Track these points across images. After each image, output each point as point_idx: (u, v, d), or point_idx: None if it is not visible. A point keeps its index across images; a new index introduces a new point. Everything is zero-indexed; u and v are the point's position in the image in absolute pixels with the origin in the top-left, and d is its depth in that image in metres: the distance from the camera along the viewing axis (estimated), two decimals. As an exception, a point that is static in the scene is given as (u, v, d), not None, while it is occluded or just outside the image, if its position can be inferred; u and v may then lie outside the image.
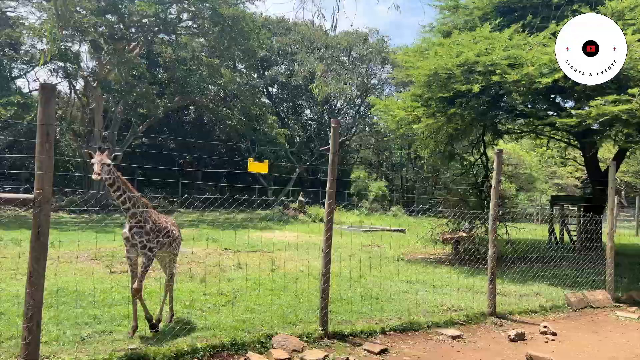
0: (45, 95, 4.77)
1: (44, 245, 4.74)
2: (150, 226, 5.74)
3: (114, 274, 10.04)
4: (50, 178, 4.78)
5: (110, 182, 5.48)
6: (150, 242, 5.71)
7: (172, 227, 6.24)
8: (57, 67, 24.53)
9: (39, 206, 4.69)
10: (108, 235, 17.86)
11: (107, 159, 5.45)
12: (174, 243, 6.30)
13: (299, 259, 12.32)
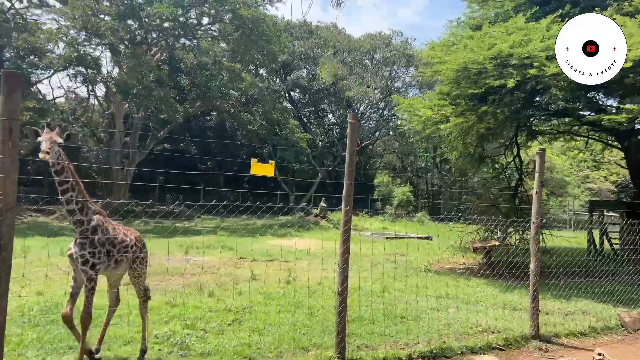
0: (9, 85, 4.06)
1: (7, 261, 4.02)
2: (99, 237, 4.75)
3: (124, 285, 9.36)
4: (14, 182, 4.07)
5: (58, 169, 4.51)
6: (95, 258, 4.66)
7: (132, 241, 5.23)
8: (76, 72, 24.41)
9: (1, 214, 3.99)
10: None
11: (59, 137, 4.50)
12: (137, 261, 5.27)
13: (317, 270, 11.49)
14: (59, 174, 4.54)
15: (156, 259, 12.84)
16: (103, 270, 4.89)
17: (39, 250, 13.05)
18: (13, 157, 4.00)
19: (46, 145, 4.38)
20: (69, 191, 4.59)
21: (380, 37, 46.00)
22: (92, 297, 4.70)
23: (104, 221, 4.94)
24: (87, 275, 4.66)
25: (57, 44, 21.39)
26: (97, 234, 4.77)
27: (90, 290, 4.68)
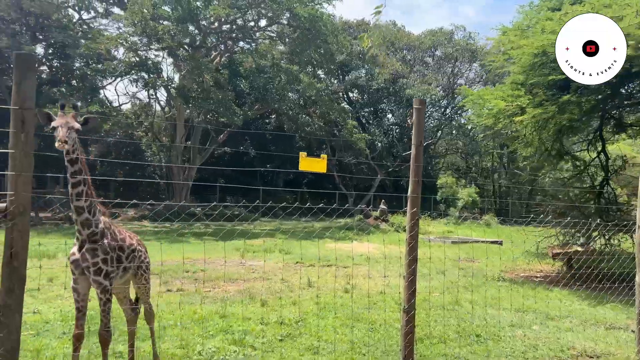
0: (21, 69, 3.55)
1: (19, 272, 3.51)
2: (109, 242, 4.17)
3: (169, 292, 8.97)
4: (27, 180, 3.55)
5: (73, 157, 3.93)
6: (108, 265, 4.09)
7: (137, 244, 4.68)
8: (137, 77, 24.89)
9: (12, 219, 3.47)
10: (180, 245, 17.23)
11: (75, 122, 3.91)
12: (143, 266, 4.68)
13: (378, 277, 10.64)
14: (73, 163, 3.96)
15: (211, 263, 12.47)
16: (119, 278, 4.34)
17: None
18: (27, 151, 3.48)
19: (63, 132, 3.79)
20: (81, 185, 4.00)
21: (441, 33, 44.36)
22: (109, 311, 4.14)
23: (110, 223, 4.36)
24: (102, 287, 4.07)
25: (117, 49, 21.87)
26: (107, 238, 4.18)
27: (105, 303, 4.10)
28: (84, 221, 4.02)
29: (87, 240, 4.05)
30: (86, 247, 4.04)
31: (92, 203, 4.09)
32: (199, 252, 14.12)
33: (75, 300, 4.14)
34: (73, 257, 4.07)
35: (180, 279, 10.26)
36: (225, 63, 34.79)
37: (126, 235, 4.48)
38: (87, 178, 4.10)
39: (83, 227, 4.03)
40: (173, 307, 7.61)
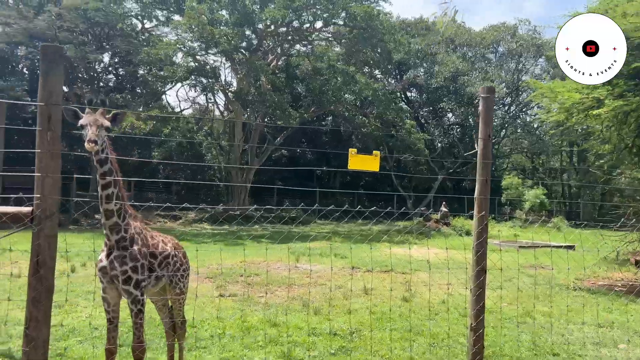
0: (47, 61, 3.31)
1: (46, 281, 3.27)
2: (139, 248, 3.86)
3: (222, 297, 8.75)
4: (55, 182, 3.30)
5: (102, 157, 3.67)
6: (138, 274, 3.78)
7: (173, 250, 4.34)
8: (196, 82, 25.34)
9: (39, 223, 3.23)
10: (237, 248, 17.19)
11: (105, 119, 3.64)
12: (178, 274, 4.32)
13: (439, 285, 9.98)
14: (102, 164, 3.69)
15: (266, 267, 12.24)
16: (151, 287, 4.04)
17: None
18: (53, 151, 3.23)
19: (92, 131, 3.51)
20: (111, 186, 3.74)
21: (504, 28, 42.48)
22: (142, 323, 3.84)
23: (142, 227, 4.05)
24: (132, 297, 3.78)
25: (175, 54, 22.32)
26: (137, 244, 3.88)
27: (137, 314, 3.80)
28: (112, 225, 3.76)
29: (116, 246, 3.78)
30: (114, 254, 3.77)
31: (122, 206, 3.82)
32: (255, 255, 13.96)
33: (105, 310, 3.88)
34: (100, 264, 3.81)
35: (234, 283, 10.06)
36: (282, 66, 34.90)
37: (159, 241, 4.18)
38: (118, 180, 3.84)
39: (112, 232, 3.76)
40: (223, 313, 7.36)
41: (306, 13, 26.94)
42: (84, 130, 3.61)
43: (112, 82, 35.37)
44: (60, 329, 6.14)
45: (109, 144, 3.85)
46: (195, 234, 22.18)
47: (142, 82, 25.40)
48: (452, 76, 38.54)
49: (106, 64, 33.32)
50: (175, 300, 4.42)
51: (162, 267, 4.12)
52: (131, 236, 3.85)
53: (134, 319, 3.83)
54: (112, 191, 3.75)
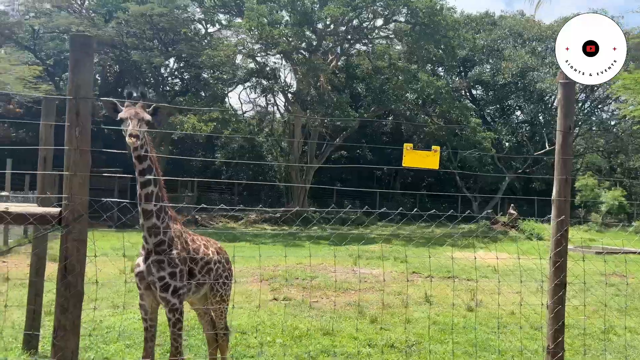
0: (77, 52, 3.11)
1: (75, 287, 3.06)
2: (178, 252, 3.60)
3: (275, 301, 8.50)
4: (83, 182, 3.09)
5: (142, 154, 3.44)
6: (177, 280, 3.53)
7: (215, 254, 4.06)
8: (256, 83, 25.51)
9: (66, 225, 3.04)
10: (295, 249, 17.04)
11: (146, 113, 3.42)
12: (220, 280, 4.04)
13: (508, 293, 9.24)
14: (141, 160, 3.47)
15: (323, 269, 11.93)
16: (192, 294, 3.80)
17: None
18: (82, 148, 3.02)
19: (133, 125, 3.29)
20: (150, 185, 3.52)
21: (578, 19, 39.89)
22: (180, 334, 3.58)
23: (182, 230, 3.78)
24: (170, 305, 3.52)
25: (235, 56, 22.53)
26: (177, 248, 3.61)
27: (175, 324, 3.54)
28: (151, 227, 3.52)
29: (154, 250, 3.54)
30: (152, 258, 3.53)
31: (162, 207, 3.58)
32: (313, 257, 13.68)
33: (142, 318, 3.66)
34: (137, 269, 3.60)
35: (289, 286, 9.81)
36: (341, 66, 34.58)
37: (200, 245, 3.92)
38: (159, 178, 3.61)
39: (150, 234, 3.53)
40: (276, 318, 7.09)
41: (366, 11, 26.47)
42: (123, 124, 3.40)
43: (178, 86, 36.52)
44: (111, 332, 6.08)
45: (149, 140, 3.63)
46: (255, 235, 22.29)
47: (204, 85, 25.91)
48: (520, 72, 36.64)
49: (172, 68, 34.42)
50: (217, 308, 4.13)
51: (202, 273, 3.85)
52: (170, 239, 3.61)
53: (171, 329, 3.58)
54: (151, 190, 3.53)
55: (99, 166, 25.36)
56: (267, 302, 8.33)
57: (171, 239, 3.61)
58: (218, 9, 26.70)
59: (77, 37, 3.10)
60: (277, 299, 8.65)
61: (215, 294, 4.05)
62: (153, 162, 3.57)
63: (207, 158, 32.47)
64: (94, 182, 13.25)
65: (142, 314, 3.65)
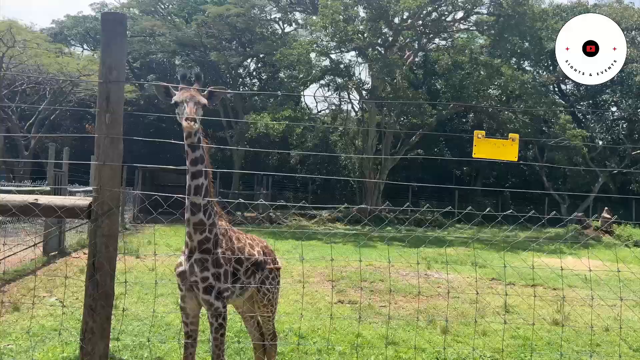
0: (108, 32, 2.88)
1: (103, 287, 2.83)
2: (223, 251, 3.30)
3: (340, 304, 8.12)
4: (114, 173, 2.85)
5: (194, 141, 3.20)
6: (221, 282, 3.23)
7: (261, 255, 3.73)
8: (329, 81, 25.29)
9: (95, 219, 2.82)
10: (366, 250, 16.60)
11: (202, 97, 3.19)
12: (267, 282, 3.69)
13: (601, 306, 8.21)
14: (194, 149, 3.23)
15: (393, 272, 11.40)
16: (236, 297, 3.50)
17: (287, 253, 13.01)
18: (112, 136, 2.80)
19: (190, 108, 3.06)
20: (202, 176, 3.27)
21: (686, 4, 36.02)
22: (223, 340, 3.28)
23: (227, 229, 3.47)
24: (212, 309, 3.24)
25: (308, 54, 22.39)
26: (221, 247, 3.32)
27: (218, 329, 3.26)
28: (197, 223, 3.25)
29: (197, 248, 3.26)
30: (195, 257, 3.25)
31: (210, 202, 3.30)
32: (384, 258, 13.14)
33: (183, 322, 3.40)
34: (179, 268, 3.34)
35: (356, 288, 9.38)
36: (419, 62, 33.56)
37: (246, 244, 3.60)
38: (209, 171, 3.36)
39: (195, 230, 3.26)
40: (338, 323, 6.71)
41: (445, 3, 25.41)
42: (178, 108, 3.19)
43: (256, 86, 37.25)
44: (169, 330, 5.98)
45: (201, 129, 3.37)
46: (327, 233, 22.05)
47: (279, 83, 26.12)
48: (620, 63, 33.69)
49: (249, 69, 35.14)
50: (262, 312, 3.81)
51: (248, 274, 3.54)
52: (216, 237, 3.33)
53: (213, 335, 3.30)
54: (201, 182, 3.28)
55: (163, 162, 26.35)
56: (331, 304, 7.96)
57: (217, 237, 3.34)
58: (294, 7, 26.77)
59: (108, 16, 2.90)
60: (342, 301, 8.27)
61: (262, 298, 3.73)
62: (205, 152, 3.33)
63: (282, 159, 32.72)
64: (162, 178, 13.47)
65: (182, 318, 3.40)
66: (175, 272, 3.37)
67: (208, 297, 3.23)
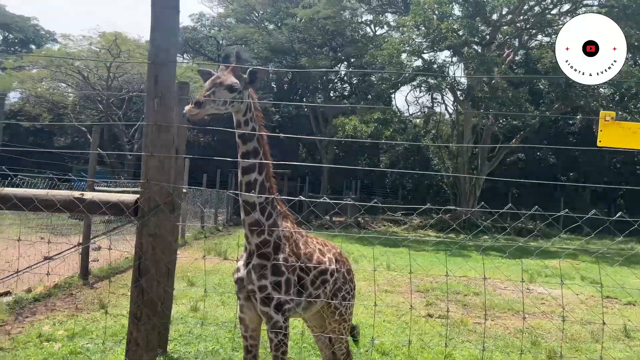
0: (158, 7, 2.58)
1: (149, 293, 2.52)
2: (285, 257, 2.86)
3: (429, 318, 7.44)
4: (163, 165, 2.54)
5: (246, 134, 2.81)
6: (281, 292, 2.81)
7: (333, 262, 3.22)
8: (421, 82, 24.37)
9: (141, 217, 2.52)
10: (460, 260, 15.60)
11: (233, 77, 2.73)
12: (339, 294, 3.18)
13: None
14: (245, 140, 2.84)
15: (490, 285, 10.46)
16: (302, 311, 3.06)
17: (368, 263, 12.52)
18: (161, 123, 2.49)
19: (202, 92, 2.63)
20: (254, 171, 2.86)
21: None
22: (285, 359, 2.84)
23: (293, 230, 3.03)
24: (272, 323, 2.82)
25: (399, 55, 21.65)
26: (284, 252, 2.89)
27: (278, 346, 2.85)
28: (252, 224, 2.86)
29: (256, 252, 2.87)
30: (253, 262, 2.86)
31: (268, 200, 2.90)
32: (479, 269, 12.13)
33: (242, 335, 3.02)
34: (237, 274, 2.96)
35: (447, 301, 8.63)
36: (520, 61, 31.50)
37: (315, 249, 3.14)
38: (266, 164, 2.94)
39: (251, 232, 2.87)
40: (427, 339, 6.07)
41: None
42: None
43: (347, 90, 37.08)
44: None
45: (260, 118, 2.98)
46: (417, 241, 21.15)
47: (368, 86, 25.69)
48: None
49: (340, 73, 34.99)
50: (335, 329, 3.33)
51: (316, 285, 3.08)
52: (277, 240, 2.92)
53: (273, 352, 2.89)
54: (254, 178, 2.87)
55: None
56: (419, 317, 7.31)
57: (278, 240, 2.92)
58: (385, 8, 26.19)
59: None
60: (431, 315, 7.58)
61: (333, 312, 3.25)
62: (261, 145, 2.92)
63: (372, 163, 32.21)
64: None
65: (241, 330, 3.03)
66: (233, 278, 3.00)
67: (266, 309, 2.82)
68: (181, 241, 14.88)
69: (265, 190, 2.90)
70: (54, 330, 5.59)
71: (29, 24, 35.94)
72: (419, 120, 33.16)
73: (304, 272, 2.99)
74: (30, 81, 21.40)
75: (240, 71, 2.82)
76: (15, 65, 22.60)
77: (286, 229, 2.99)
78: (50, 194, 2.51)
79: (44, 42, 35.66)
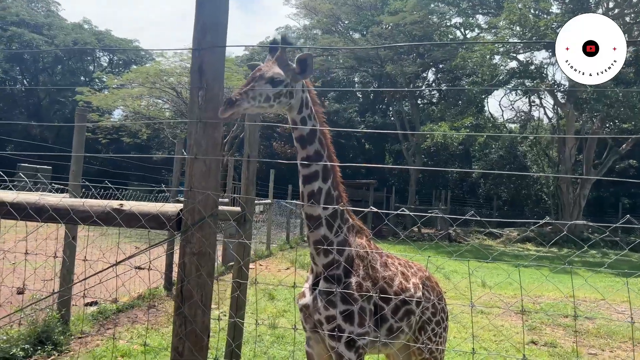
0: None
1: (193, 323, 2.10)
2: (358, 281, 2.36)
3: (533, 345, 6.52)
4: (209, 169, 2.13)
5: (305, 135, 2.37)
6: (354, 324, 2.29)
7: (420, 288, 2.65)
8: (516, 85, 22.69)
9: (185, 231, 2.12)
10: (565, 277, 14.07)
11: (277, 68, 2.27)
12: (428, 328, 2.62)
13: None
14: (304, 143, 2.38)
15: (605, 308, 9.18)
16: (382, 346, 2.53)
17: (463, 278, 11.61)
18: (207, 120, 2.09)
19: (241, 87, 2.20)
20: (318, 179, 2.38)
21: None
22: None
23: (369, 248, 2.49)
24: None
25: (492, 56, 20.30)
26: (357, 275, 2.37)
27: None
28: (318, 241, 2.39)
29: (323, 274, 2.38)
30: (320, 287, 2.37)
31: (337, 213, 2.41)
32: (589, 289, 10.78)
33: None
34: (302, 300, 2.49)
35: (554, 326, 7.61)
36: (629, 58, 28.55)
37: (397, 272, 2.59)
38: (332, 170, 2.45)
39: (317, 251, 2.39)
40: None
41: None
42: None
43: (435, 97, 35.81)
44: None
45: (321, 114, 2.51)
46: (516, 255, 19.57)
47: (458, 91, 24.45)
48: None
49: (428, 79, 33.91)
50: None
51: (398, 316, 2.53)
52: (349, 261, 2.41)
53: None
54: (318, 187, 2.40)
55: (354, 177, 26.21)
56: (522, 344, 6.43)
57: (350, 260, 2.42)
58: (476, 10, 24.91)
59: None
60: (536, 342, 6.65)
61: (422, 350, 2.66)
62: (324, 147, 2.44)
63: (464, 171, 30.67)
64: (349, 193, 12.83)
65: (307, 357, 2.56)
66: (298, 305, 2.53)
67: (335, 343, 2.32)
68: (267, 252, 14.84)
69: (333, 200, 2.41)
70: (130, 344, 5.48)
71: (131, 46, 38.65)
72: (514, 126, 31.13)
73: (383, 300, 2.45)
74: (129, 99, 22.71)
75: (288, 60, 2.37)
76: (118, 84, 24.18)
77: (360, 247, 2.48)
78: (87, 204, 2.20)
79: (144, 62, 38.13)
